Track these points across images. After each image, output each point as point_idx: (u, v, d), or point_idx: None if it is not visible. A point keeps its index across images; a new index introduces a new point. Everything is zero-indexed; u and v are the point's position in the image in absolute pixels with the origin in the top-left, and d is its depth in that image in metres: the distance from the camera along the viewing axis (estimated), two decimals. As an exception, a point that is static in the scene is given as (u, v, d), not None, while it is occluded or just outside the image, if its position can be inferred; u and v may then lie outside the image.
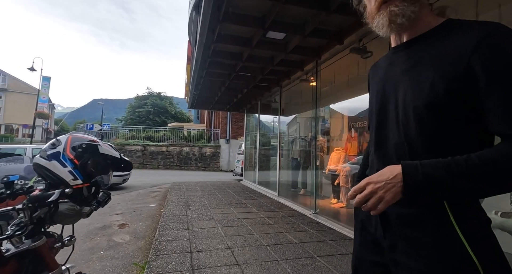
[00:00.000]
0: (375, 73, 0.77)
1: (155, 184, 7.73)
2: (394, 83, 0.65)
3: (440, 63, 0.56)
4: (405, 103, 0.60)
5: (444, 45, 0.57)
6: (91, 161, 0.95)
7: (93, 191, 0.95)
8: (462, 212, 0.55)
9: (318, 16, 2.83)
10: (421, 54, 0.61)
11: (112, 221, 3.76)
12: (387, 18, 0.60)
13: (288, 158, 6.42)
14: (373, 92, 0.75)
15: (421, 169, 0.52)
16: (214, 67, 4.61)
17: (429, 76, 0.56)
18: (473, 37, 0.52)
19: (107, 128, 15.99)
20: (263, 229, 3.26)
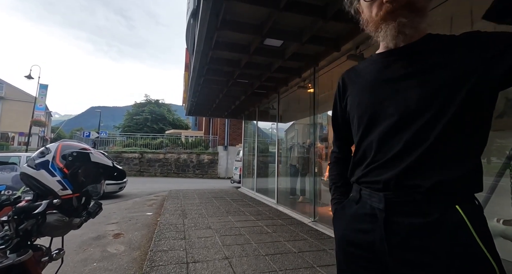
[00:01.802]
0: (356, 77, 0.75)
1: (152, 192, 7.62)
2: (398, 85, 0.64)
3: (448, 65, 0.58)
4: (420, 103, 0.59)
5: (440, 51, 0.60)
6: (82, 170, 0.91)
7: (84, 201, 0.91)
8: (474, 215, 0.55)
9: (315, 24, 2.85)
10: (425, 59, 0.62)
11: (106, 230, 3.67)
12: (396, 29, 0.60)
13: (286, 165, 6.38)
14: (358, 97, 0.72)
15: None
16: (212, 74, 4.61)
17: (443, 77, 0.58)
18: (466, 41, 0.58)
19: (104, 136, 15.88)
20: (261, 238, 3.19)
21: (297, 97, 5.61)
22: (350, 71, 0.80)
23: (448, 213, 0.55)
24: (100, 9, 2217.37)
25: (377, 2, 0.63)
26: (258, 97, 6.28)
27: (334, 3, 2.52)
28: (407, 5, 0.59)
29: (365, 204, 0.67)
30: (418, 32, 0.64)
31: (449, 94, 0.56)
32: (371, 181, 0.66)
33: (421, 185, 0.57)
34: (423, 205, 0.58)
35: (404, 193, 0.60)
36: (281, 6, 2.51)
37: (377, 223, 0.63)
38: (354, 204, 0.71)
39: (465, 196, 0.58)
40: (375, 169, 0.65)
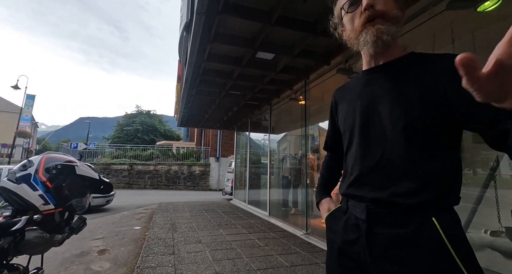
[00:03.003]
0: (345, 94, 0.82)
1: (141, 205, 7.38)
2: (376, 100, 0.68)
3: (421, 84, 0.62)
4: (394, 117, 0.63)
5: (420, 70, 0.64)
6: (67, 183, 0.87)
7: (67, 216, 0.87)
8: (450, 229, 0.57)
9: (306, 38, 2.94)
10: (402, 76, 0.66)
11: (91, 246, 3.50)
12: (374, 35, 0.65)
13: (278, 176, 6.35)
14: (345, 111, 0.77)
15: None
16: (204, 86, 4.64)
17: (415, 94, 0.61)
18: (445, 63, 0.61)
19: (92, 147, 15.48)
20: (253, 252, 3.11)
21: (289, 109, 5.68)
22: (341, 88, 0.86)
23: (425, 225, 0.57)
24: (93, 20, 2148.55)
25: (357, 12, 0.68)
26: (250, 109, 6.33)
27: (323, 20, 2.62)
28: (382, 14, 0.65)
29: (351, 215, 0.71)
30: (398, 48, 0.69)
31: (419, 113, 0.60)
32: (354, 194, 0.69)
33: (398, 198, 0.60)
34: (401, 217, 0.60)
35: (384, 205, 0.62)
36: (272, 21, 2.59)
37: (360, 234, 0.66)
38: (343, 214, 0.74)
39: (441, 208, 0.59)
40: (357, 182, 0.69)
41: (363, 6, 0.66)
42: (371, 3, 0.65)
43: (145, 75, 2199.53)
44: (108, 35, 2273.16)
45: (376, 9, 0.65)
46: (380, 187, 0.63)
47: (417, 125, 0.60)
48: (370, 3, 0.65)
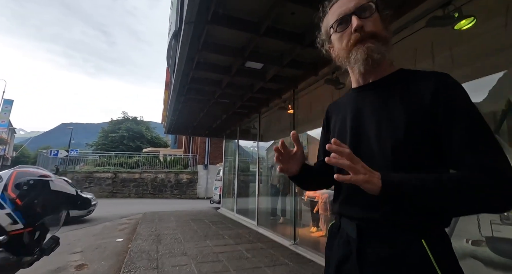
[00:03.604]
0: (337, 110, 0.83)
1: (124, 215, 7.10)
2: (365, 119, 0.69)
3: (409, 103, 0.62)
4: (381, 138, 0.64)
5: (407, 88, 0.65)
6: (40, 200, 0.82)
7: (37, 236, 0.81)
8: (439, 251, 0.57)
9: (294, 49, 3.00)
10: (390, 94, 0.67)
11: (69, 261, 3.30)
12: (365, 53, 0.65)
13: (267, 184, 6.31)
14: (337, 127, 0.78)
15: (397, 175, 0.56)
16: (193, 94, 4.60)
17: (401, 114, 0.62)
18: (430, 84, 0.62)
19: (75, 154, 14.88)
20: (240, 264, 3.03)
21: (277, 117, 5.72)
22: (333, 105, 0.87)
23: (414, 246, 0.57)
24: (78, 23, 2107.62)
25: (347, 32, 0.68)
26: (239, 117, 6.32)
27: (311, 32, 2.68)
28: (373, 35, 0.66)
29: (344, 232, 0.70)
30: (387, 65, 0.70)
31: (405, 134, 0.60)
32: (345, 212, 0.70)
33: (387, 218, 0.60)
34: (390, 237, 0.60)
35: (374, 224, 0.62)
36: (261, 32, 2.62)
37: (351, 252, 0.65)
38: (337, 231, 0.74)
39: (431, 230, 0.59)
40: (347, 201, 0.69)
41: (353, 27, 0.65)
42: (361, 24, 0.65)
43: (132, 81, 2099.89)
44: (93, 40, 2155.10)
45: (366, 31, 0.65)
46: (370, 206, 0.63)
47: (404, 146, 0.60)
48: (360, 25, 0.65)
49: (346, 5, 0.68)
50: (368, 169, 0.55)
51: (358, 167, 0.54)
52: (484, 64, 2.32)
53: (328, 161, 0.55)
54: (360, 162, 0.55)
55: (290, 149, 0.75)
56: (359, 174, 0.53)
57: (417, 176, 0.55)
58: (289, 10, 2.40)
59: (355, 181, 0.53)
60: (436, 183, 0.53)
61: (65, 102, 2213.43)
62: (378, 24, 0.67)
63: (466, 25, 2.05)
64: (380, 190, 0.53)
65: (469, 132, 0.56)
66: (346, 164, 0.53)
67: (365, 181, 0.53)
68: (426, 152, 0.60)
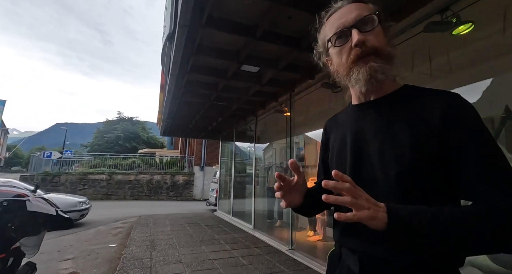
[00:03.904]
0: (336, 126, 0.77)
1: (119, 218, 6.98)
2: (367, 141, 0.63)
3: (414, 126, 0.57)
4: (384, 162, 0.58)
5: (412, 109, 0.59)
6: (15, 222, 0.75)
7: (11, 262, 0.74)
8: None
9: (290, 53, 2.95)
10: (393, 115, 0.61)
11: (59, 269, 3.20)
12: (368, 73, 0.59)
13: (264, 186, 6.26)
14: (337, 146, 0.72)
15: (405, 209, 0.49)
16: (188, 96, 4.54)
17: (406, 138, 0.56)
18: (439, 105, 0.56)
19: (69, 155, 14.66)
20: (236, 271, 2.97)
21: (274, 120, 5.67)
22: (332, 120, 0.81)
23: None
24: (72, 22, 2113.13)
25: (346, 47, 0.62)
26: (235, 119, 6.27)
27: (308, 36, 2.64)
28: (375, 51, 0.59)
29: (344, 263, 0.65)
30: (389, 81, 0.64)
31: (411, 160, 0.55)
32: (346, 243, 0.64)
33: (394, 255, 0.54)
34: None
35: (378, 260, 0.56)
36: (257, 36, 2.57)
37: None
38: (337, 260, 0.68)
39: (444, 269, 0.53)
40: (348, 231, 0.63)
41: (354, 42, 0.59)
42: (362, 39, 0.58)
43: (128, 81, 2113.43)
44: (89, 38, 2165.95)
45: (368, 46, 0.59)
46: (373, 240, 0.56)
47: (409, 173, 0.54)
48: (361, 39, 0.58)
49: (346, 16, 0.61)
50: (373, 202, 0.48)
51: (361, 201, 0.47)
52: (481, 69, 2.30)
53: (326, 199, 0.48)
54: (363, 195, 0.48)
55: (290, 179, 0.68)
56: (362, 209, 0.47)
57: (427, 209, 0.48)
58: (286, 14, 2.36)
59: (359, 219, 0.46)
60: (452, 219, 0.47)
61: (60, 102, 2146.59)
62: (381, 38, 0.61)
63: (465, 30, 2.02)
64: (385, 226, 0.47)
65: (483, 162, 0.50)
66: (347, 201, 0.47)
67: (370, 217, 0.46)
68: (434, 180, 0.54)
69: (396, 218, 0.47)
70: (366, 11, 0.61)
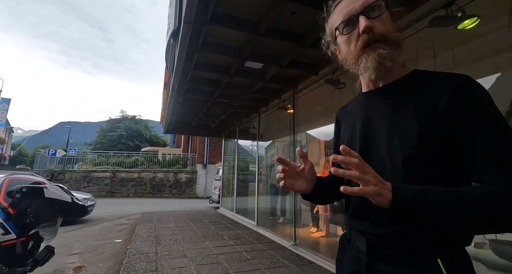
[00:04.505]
0: (346, 115, 0.78)
1: (123, 215, 7.06)
2: (375, 128, 0.64)
3: (422, 112, 0.57)
4: (392, 148, 0.59)
5: (421, 93, 0.59)
6: (33, 208, 0.78)
7: (31, 246, 0.77)
8: (457, 271, 0.52)
9: (294, 50, 2.96)
10: (400, 101, 0.61)
11: (66, 263, 3.26)
12: (376, 61, 0.59)
13: (266, 184, 6.29)
14: (348, 134, 0.73)
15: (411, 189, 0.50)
16: (192, 94, 4.56)
17: (413, 123, 0.57)
18: (448, 88, 0.56)
19: (73, 153, 14.80)
20: (240, 266, 3.01)
21: (277, 117, 5.69)
22: (343, 109, 0.82)
23: (428, 267, 0.52)
24: (75, 20, 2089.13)
25: (354, 34, 0.62)
26: (238, 117, 6.28)
27: (311, 32, 2.65)
28: (383, 37, 0.59)
29: (353, 245, 0.67)
30: (398, 66, 0.64)
31: (418, 146, 0.55)
32: (355, 225, 0.66)
33: (400, 235, 0.56)
34: (403, 255, 0.56)
35: (386, 240, 0.58)
36: (261, 32, 2.58)
37: (361, 268, 0.62)
38: (347, 243, 0.70)
39: (450, 249, 0.54)
40: (357, 214, 0.65)
41: (361, 28, 0.59)
42: (370, 25, 0.58)
43: (130, 79, 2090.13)
44: (91, 37, 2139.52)
45: (376, 32, 0.59)
46: (380, 221, 0.58)
47: (416, 159, 0.55)
48: (369, 26, 0.58)
49: (353, 4, 0.61)
50: (380, 180, 0.48)
51: (368, 177, 0.47)
52: (487, 64, 2.30)
53: (335, 172, 0.49)
54: (371, 171, 0.48)
55: (297, 164, 0.68)
56: (369, 185, 0.47)
57: (433, 190, 0.49)
58: (290, 9, 2.37)
59: (365, 194, 0.47)
60: (457, 199, 0.47)
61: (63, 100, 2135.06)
62: (389, 24, 0.61)
63: (470, 25, 2.02)
64: (389, 204, 0.47)
65: (494, 144, 0.50)
66: (354, 175, 0.47)
67: (376, 193, 0.47)
68: (441, 166, 0.55)
69: (400, 197, 0.47)
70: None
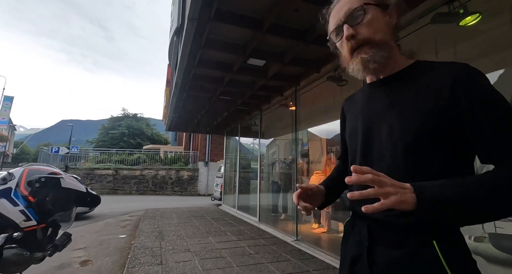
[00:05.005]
0: (351, 106, 0.81)
1: (126, 212, 7.14)
2: (376, 118, 0.67)
3: (422, 99, 0.59)
4: (392, 137, 0.61)
5: (421, 82, 0.61)
6: (51, 197, 0.82)
7: (50, 232, 0.81)
8: (452, 254, 0.54)
9: (296, 47, 2.98)
10: (401, 91, 0.64)
11: (72, 257, 3.32)
12: (361, 65, 0.64)
13: (268, 181, 6.33)
14: (350, 125, 0.77)
15: (431, 185, 0.50)
16: (194, 91, 4.59)
17: (414, 111, 0.59)
18: (448, 75, 0.57)
19: (75, 151, 14.89)
20: (243, 260, 3.06)
21: (279, 114, 5.71)
22: (348, 100, 0.85)
23: (424, 248, 0.55)
24: (75, 18, 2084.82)
25: (343, 41, 0.67)
26: (240, 114, 6.32)
27: (314, 29, 2.67)
28: (366, 41, 0.63)
29: (356, 230, 0.70)
30: (401, 58, 0.67)
31: (418, 134, 0.57)
32: (358, 212, 0.68)
33: (397, 217, 0.58)
34: (400, 237, 0.58)
35: (384, 224, 0.61)
36: (264, 29, 2.61)
37: (362, 252, 0.65)
38: (350, 229, 0.74)
39: (445, 230, 0.56)
40: (359, 200, 0.67)
41: (344, 37, 0.64)
42: (350, 34, 0.63)
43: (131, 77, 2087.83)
44: (92, 35, 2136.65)
45: (359, 38, 0.63)
46: None
47: (417, 147, 0.57)
48: (350, 34, 0.63)
49: (339, 13, 0.66)
50: (399, 186, 0.48)
51: (387, 189, 0.47)
52: (489, 61, 2.31)
53: (351, 197, 0.49)
54: (387, 180, 0.48)
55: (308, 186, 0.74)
56: (390, 196, 0.46)
57: (453, 182, 0.49)
58: (293, 7, 2.39)
59: (388, 207, 0.46)
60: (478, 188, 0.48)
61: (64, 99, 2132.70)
62: (377, 24, 0.63)
63: (472, 21, 2.03)
64: (415, 207, 0.47)
65: (499, 126, 0.51)
66: (372, 193, 0.47)
67: (399, 202, 0.46)
68: (441, 153, 0.56)
69: (424, 197, 0.47)
70: (356, 3, 0.64)
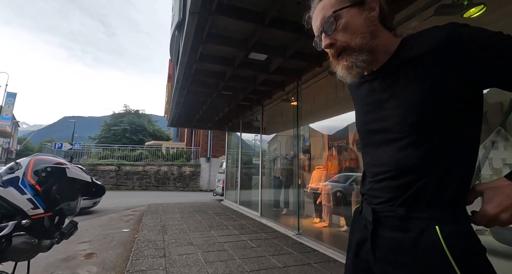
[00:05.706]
0: (355, 92, 0.79)
1: (129, 207, 7.21)
2: (376, 105, 0.67)
3: (414, 81, 0.58)
4: (396, 121, 0.61)
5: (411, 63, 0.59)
6: (57, 186, 0.84)
7: (57, 221, 0.83)
8: (454, 239, 0.54)
9: (298, 40, 2.97)
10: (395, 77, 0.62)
11: (77, 250, 3.38)
12: (344, 70, 0.65)
13: (270, 177, 6.36)
14: (357, 112, 0.77)
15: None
16: (196, 86, 4.59)
17: (410, 96, 0.59)
18: (437, 37, 0.55)
19: (78, 147, 15.00)
20: (245, 253, 3.09)
21: (280, 110, 5.71)
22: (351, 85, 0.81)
23: (427, 232, 0.55)
24: (76, 13, 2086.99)
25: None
26: (242, 109, 6.31)
27: (316, 22, 2.65)
28: (344, 48, 0.64)
29: (364, 215, 0.72)
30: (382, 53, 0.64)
31: (417, 114, 0.57)
32: (366, 195, 0.71)
33: (402, 203, 0.60)
34: (403, 221, 0.59)
35: (389, 208, 0.62)
36: (266, 23, 2.59)
37: (367, 235, 0.66)
38: (358, 214, 0.75)
39: (448, 215, 0.56)
40: (369, 184, 0.70)
41: (323, 47, 0.66)
42: (327, 44, 0.64)
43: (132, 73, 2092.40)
44: (92, 30, 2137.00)
45: (337, 45, 0.64)
46: (385, 191, 0.63)
47: (422, 125, 0.57)
48: (328, 44, 0.64)
49: (316, 23, 0.67)
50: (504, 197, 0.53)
51: (501, 217, 0.53)
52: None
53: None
54: (490, 210, 0.54)
55: None
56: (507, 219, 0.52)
57: None
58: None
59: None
60: None
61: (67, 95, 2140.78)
62: (351, 28, 0.62)
63: (476, 13, 2.01)
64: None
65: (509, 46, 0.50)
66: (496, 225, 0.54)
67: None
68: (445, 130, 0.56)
69: None
70: (329, 9, 0.63)
